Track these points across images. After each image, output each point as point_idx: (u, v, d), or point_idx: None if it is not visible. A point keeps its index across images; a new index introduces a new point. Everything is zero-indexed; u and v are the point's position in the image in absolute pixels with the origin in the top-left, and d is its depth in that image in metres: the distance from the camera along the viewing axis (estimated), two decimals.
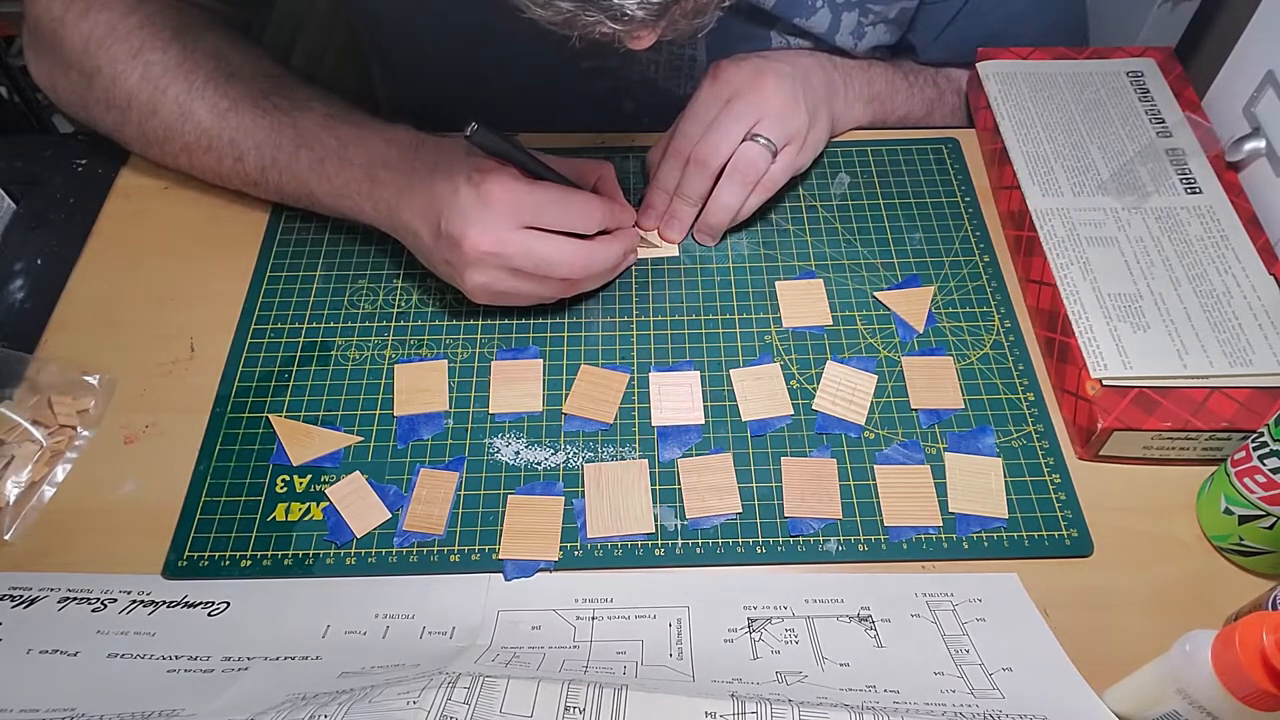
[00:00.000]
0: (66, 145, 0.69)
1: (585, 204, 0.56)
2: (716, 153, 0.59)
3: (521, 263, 0.53)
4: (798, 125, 0.60)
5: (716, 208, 0.60)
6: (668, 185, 0.62)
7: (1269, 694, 0.36)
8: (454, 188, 0.53)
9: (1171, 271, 0.58)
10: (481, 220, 0.52)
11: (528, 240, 0.53)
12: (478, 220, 0.52)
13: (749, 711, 0.39)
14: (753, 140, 0.59)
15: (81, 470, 0.54)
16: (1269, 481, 0.47)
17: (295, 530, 0.52)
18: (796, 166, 0.61)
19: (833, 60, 0.67)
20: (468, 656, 0.44)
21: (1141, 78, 0.68)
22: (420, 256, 0.58)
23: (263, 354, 0.58)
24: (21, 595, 0.49)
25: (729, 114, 0.59)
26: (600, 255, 0.56)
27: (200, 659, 0.46)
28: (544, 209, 0.53)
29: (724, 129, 0.59)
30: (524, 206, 0.53)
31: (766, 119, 0.59)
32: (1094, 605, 0.49)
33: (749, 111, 0.59)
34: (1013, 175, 0.63)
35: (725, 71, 0.60)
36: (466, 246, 0.52)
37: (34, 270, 0.62)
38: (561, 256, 0.54)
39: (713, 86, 0.60)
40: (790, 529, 0.52)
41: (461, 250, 0.52)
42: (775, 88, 0.59)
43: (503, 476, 0.54)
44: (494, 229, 0.52)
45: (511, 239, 0.53)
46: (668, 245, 0.64)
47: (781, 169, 0.60)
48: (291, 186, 0.60)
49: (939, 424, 0.56)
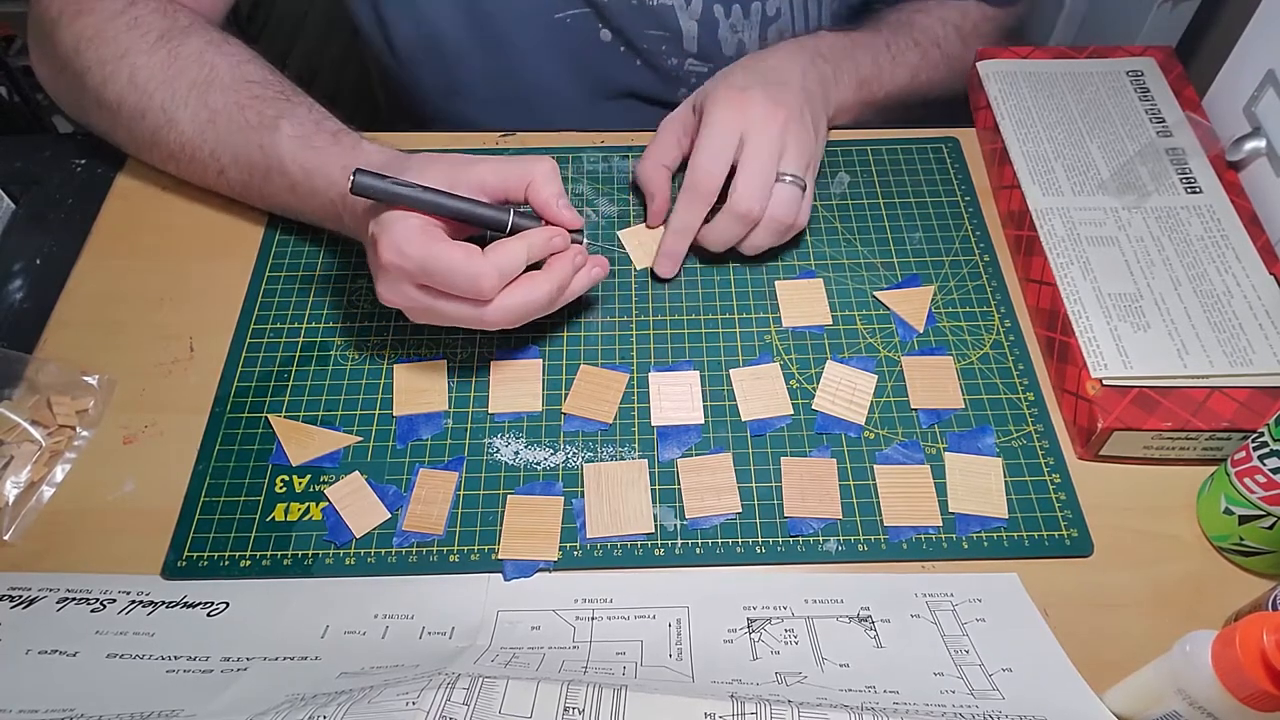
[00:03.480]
0: (66, 145, 0.69)
1: (474, 271, 0.49)
2: (760, 204, 0.57)
3: (428, 319, 0.52)
4: (811, 146, 0.59)
5: (747, 248, 0.60)
6: (689, 226, 0.59)
7: (1269, 694, 0.36)
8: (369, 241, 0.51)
9: (1172, 271, 0.57)
10: (384, 280, 0.51)
11: (430, 302, 0.50)
12: (381, 279, 0.51)
13: (748, 712, 0.39)
14: (781, 181, 0.57)
15: (81, 470, 0.54)
16: (1269, 481, 0.47)
17: (294, 530, 0.52)
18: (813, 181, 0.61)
19: (820, 51, 0.65)
20: (467, 657, 0.44)
21: (1141, 77, 0.68)
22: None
23: (262, 354, 0.58)
24: (20, 595, 0.49)
25: (756, 158, 0.57)
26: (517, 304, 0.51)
27: (199, 659, 0.46)
28: (430, 274, 0.49)
29: (759, 175, 0.57)
30: (408, 268, 0.49)
31: (787, 154, 0.58)
32: (1094, 605, 0.49)
33: (771, 150, 0.57)
34: (1013, 174, 0.63)
35: (727, 103, 0.58)
36: (380, 297, 0.51)
37: (33, 270, 0.62)
38: (467, 316, 0.51)
39: (723, 118, 0.58)
40: (790, 529, 0.52)
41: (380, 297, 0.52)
42: (785, 119, 0.58)
43: (502, 476, 0.53)
44: (395, 291, 0.51)
45: (414, 298, 0.50)
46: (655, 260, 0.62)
47: (809, 202, 0.59)
48: (273, 203, 0.61)
49: (939, 424, 0.55)
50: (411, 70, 0.78)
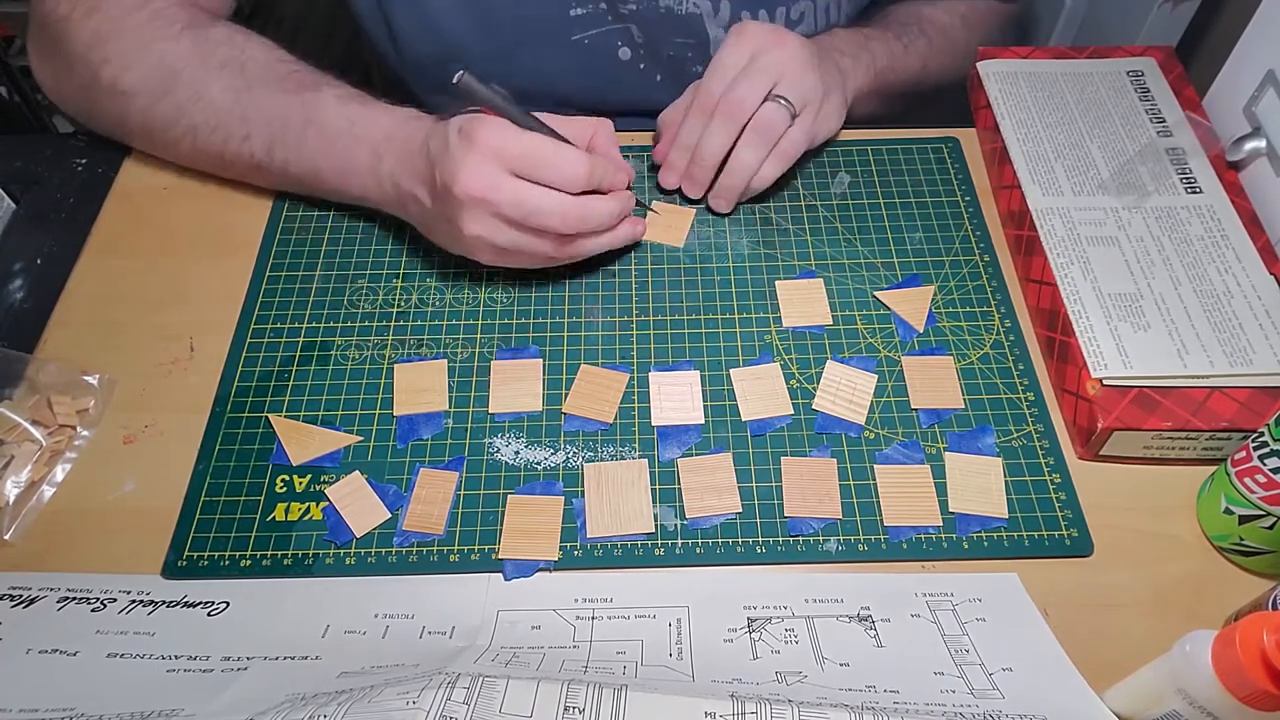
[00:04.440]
0: (66, 145, 0.69)
1: (572, 159, 0.54)
2: (742, 105, 0.59)
3: (512, 211, 0.53)
4: (814, 89, 0.61)
5: (735, 166, 0.61)
6: (690, 141, 0.62)
7: (1269, 694, 0.36)
8: (445, 141, 0.53)
9: (1172, 271, 0.57)
10: (468, 164, 0.52)
11: (517, 187, 0.53)
12: (464, 164, 0.52)
13: (749, 711, 0.39)
14: (772, 100, 0.59)
15: (81, 470, 0.54)
16: (1269, 481, 0.47)
17: (295, 530, 0.52)
18: (813, 135, 0.62)
19: (836, 46, 0.68)
20: (467, 656, 0.44)
21: (1142, 77, 0.68)
22: (424, 226, 0.59)
23: (262, 354, 0.58)
24: (21, 595, 0.49)
25: (753, 69, 0.59)
26: (592, 209, 0.55)
27: (200, 659, 0.46)
28: (529, 158, 0.53)
29: (750, 81, 0.59)
30: (509, 153, 0.52)
31: (786, 79, 0.59)
32: (1094, 605, 0.49)
33: (771, 69, 0.59)
34: (1013, 174, 0.63)
35: (748, 29, 0.61)
36: (457, 191, 0.52)
37: (34, 270, 0.62)
38: (551, 206, 0.53)
39: (736, 44, 0.60)
40: (790, 529, 0.52)
41: (454, 196, 0.52)
42: (795, 50, 0.60)
43: (502, 476, 0.54)
44: (482, 174, 0.52)
45: (501, 185, 0.52)
46: (674, 234, 0.64)
47: (800, 132, 0.61)
48: (298, 166, 0.60)
49: (939, 424, 0.55)
50: (417, 76, 0.78)
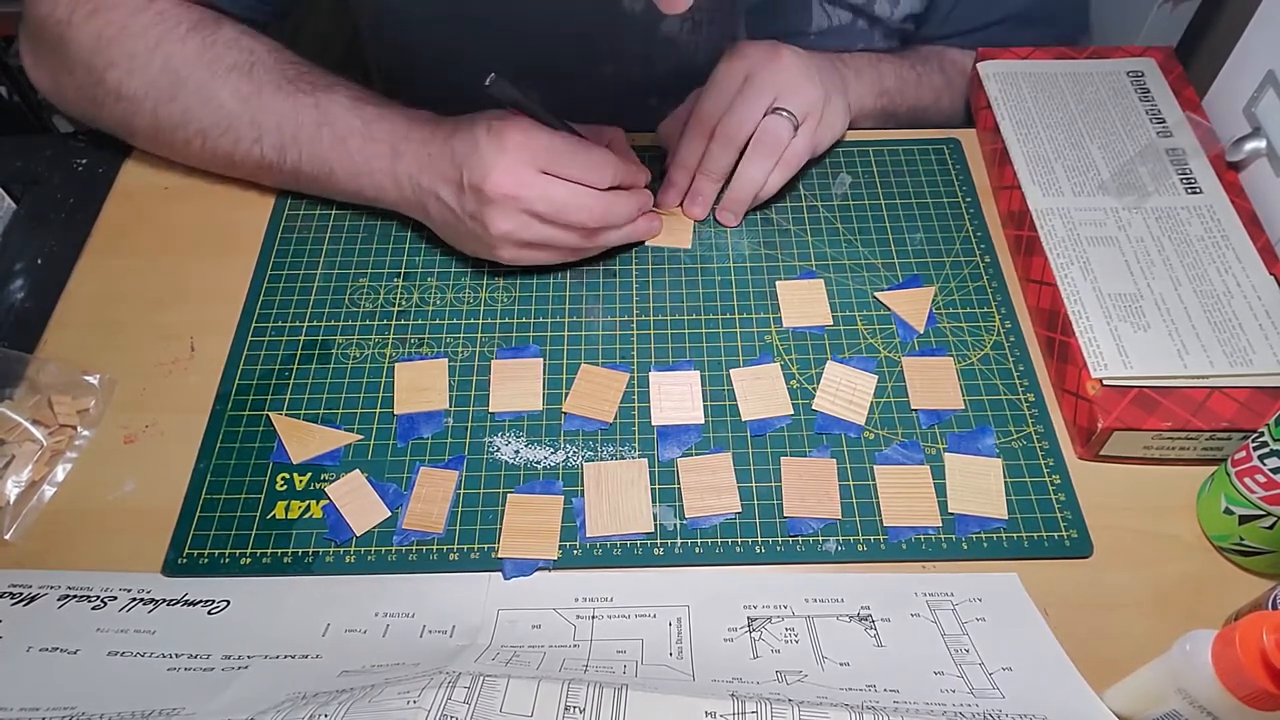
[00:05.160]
0: (66, 145, 0.69)
1: (600, 156, 0.57)
2: (741, 127, 0.60)
3: (541, 207, 0.55)
4: (814, 98, 0.61)
5: (742, 182, 0.61)
6: (689, 161, 0.63)
7: (1269, 694, 0.36)
8: (474, 140, 0.54)
9: (1172, 271, 0.58)
10: (500, 163, 0.53)
11: (547, 184, 0.54)
12: (497, 164, 0.53)
13: (749, 711, 0.39)
14: (774, 114, 0.60)
15: (81, 470, 0.54)
16: (1269, 481, 0.47)
17: (295, 528, 0.52)
18: (815, 143, 0.62)
19: (841, 58, 0.68)
20: (468, 655, 0.44)
21: (1142, 78, 0.68)
22: (443, 225, 0.59)
23: (263, 353, 0.58)
24: (21, 593, 0.49)
25: (750, 88, 0.60)
26: (616, 206, 0.58)
27: (200, 657, 0.46)
28: (559, 156, 0.55)
29: (747, 103, 0.60)
30: (540, 151, 0.54)
31: (785, 93, 0.60)
32: (1094, 605, 0.49)
33: (768, 86, 0.60)
34: (1013, 175, 0.63)
35: (742, 48, 0.61)
36: (489, 188, 0.54)
37: (34, 270, 0.62)
38: (579, 202, 0.55)
39: (730, 63, 0.61)
40: (790, 529, 0.52)
41: (484, 194, 0.54)
42: (791, 62, 0.60)
43: (502, 475, 0.54)
44: (514, 171, 0.54)
45: (532, 181, 0.54)
46: (680, 236, 0.64)
47: (803, 142, 0.61)
48: (310, 166, 0.60)
49: (939, 424, 0.56)
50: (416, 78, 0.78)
